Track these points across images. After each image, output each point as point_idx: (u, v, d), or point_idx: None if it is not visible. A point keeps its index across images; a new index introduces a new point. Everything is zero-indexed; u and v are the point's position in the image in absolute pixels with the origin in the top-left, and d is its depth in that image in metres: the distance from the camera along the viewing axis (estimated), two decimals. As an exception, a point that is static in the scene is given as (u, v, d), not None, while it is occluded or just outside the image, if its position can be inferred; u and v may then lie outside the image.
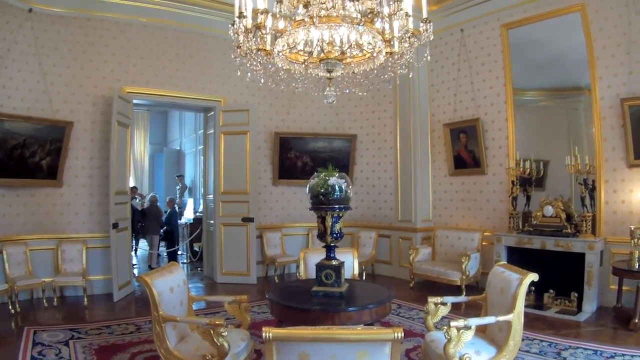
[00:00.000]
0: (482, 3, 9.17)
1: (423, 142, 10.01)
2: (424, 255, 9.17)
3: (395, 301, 7.46)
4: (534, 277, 3.97)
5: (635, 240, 6.58)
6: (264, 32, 4.22)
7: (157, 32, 9.25)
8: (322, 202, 4.59)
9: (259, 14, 4.17)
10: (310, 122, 10.81)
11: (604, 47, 7.69)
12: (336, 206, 4.60)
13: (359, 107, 10.80)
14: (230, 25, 4.34)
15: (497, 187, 8.99)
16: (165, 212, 13.10)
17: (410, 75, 5.07)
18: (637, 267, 6.48)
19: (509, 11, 8.85)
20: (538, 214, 7.96)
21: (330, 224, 4.63)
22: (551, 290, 7.59)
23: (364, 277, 9.36)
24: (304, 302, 4.39)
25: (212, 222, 10.03)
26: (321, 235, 4.74)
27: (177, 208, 14.00)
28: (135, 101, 9.15)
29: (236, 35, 4.28)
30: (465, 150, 9.40)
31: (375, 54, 4.33)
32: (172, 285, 4.23)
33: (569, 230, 7.55)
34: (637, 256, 6.53)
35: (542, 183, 8.41)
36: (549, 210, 7.80)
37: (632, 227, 6.72)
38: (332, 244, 4.70)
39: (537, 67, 8.57)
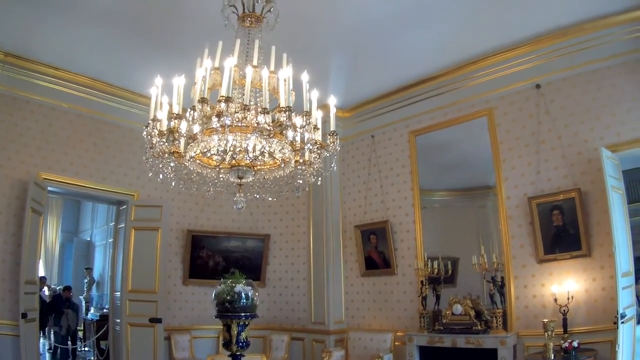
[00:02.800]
0: (392, 111, 9.72)
1: (335, 243, 10.11)
2: (337, 358, 8.97)
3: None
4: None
5: (549, 332, 6.78)
6: (177, 135, 4.30)
7: (77, 120, 9.13)
8: (228, 310, 4.57)
9: (172, 119, 4.25)
10: (224, 221, 10.74)
11: (511, 148, 8.23)
12: (242, 314, 4.57)
13: (273, 207, 10.85)
14: (144, 127, 4.42)
15: (407, 287, 9.13)
16: (66, 300, 12.53)
17: (319, 183, 5.23)
18: (552, 358, 6.64)
19: (417, 118, 9.41)
20: (447, 312, 8.08)
21: (235, 332, 4.58)
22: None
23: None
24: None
25: (118, 320, 9.59)
26: (226, 344, 4.69)
27: (83, 302, 13.42)
28: (49, 188, 8.85)
29: (149, 137, 4.35)
30: (376, 252, 9.57)
31: (284, 163, 4.49)
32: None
33: (479, 327, 7.69)
34: (551, 347, 6.69)
35: (454, 280, 8.63)
36: (458, 308, 7.95)
37: (545, 320, 6.96)
38: (237, 354, 4.64)
39: (445, 168, 9.08)
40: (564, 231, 7.50)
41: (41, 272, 12.52)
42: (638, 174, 15.65)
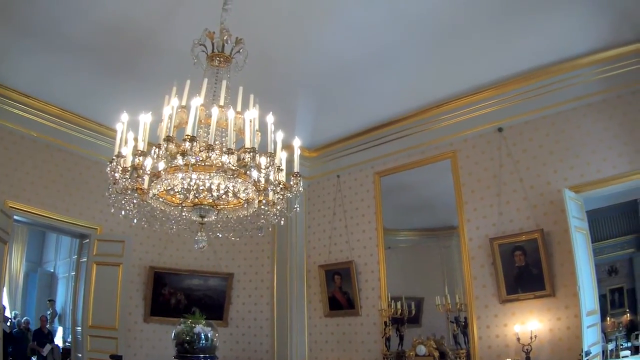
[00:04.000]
0: (357, 152, 9.83)
1: (299, 282, 10.02)
2: None
3: None
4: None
5: None
6: (141, 172, 4.28)
7: (45, 149, 8.98)
8: (187, 351, 4.50)
9: (137, 156, 4.25)
10: (187, 258, 10.52)
11: (473, 190, 8.37)
12: (201, 355, 4.51)
13: (237, 245, 10.58)
14: (108, 163, 4.40)
15: (371, 328, 9.07)
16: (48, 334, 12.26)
17: (282, 223, 5.23)
18: None
19: (382, 160, 9.52)
20: (411, 353, 8.05)
21: (195, 373, 4.52)
22: None
23: None
24: None
25: (80, 355, 9.32)
26: (186, 385, 4.61)
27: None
28: (15, 217, 8.62)
29: (112, 172, 4.33)
30: (340, 292, 9.53)
31: (248, 203, 4.50)
32: None
33: (444, 368, 7.70)
34: None
35: (418, 320, 8.62)
36: (422, 349, 7.94)
37: (509, 359, 7.04)
38: (197, 395, 4.57)
39: (410, 208, 9.17)
40: (526, 271, 7.59)
41: (5, 302, 12.18)
42: (602, 213, 16.13)
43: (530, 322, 7.36)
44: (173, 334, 4.63)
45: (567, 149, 7.74)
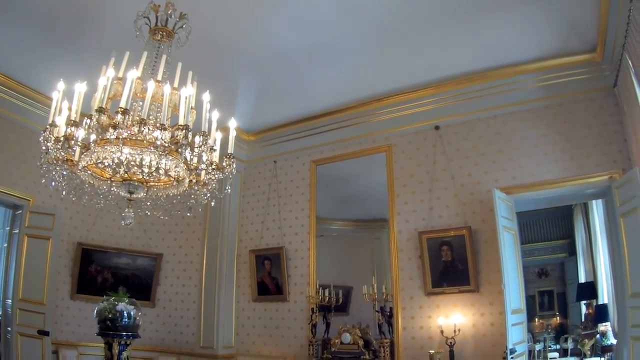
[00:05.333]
0: (296, 139, 9.85)
1: (229, 266, 9.95)
2: None
3: None
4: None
5: None
6: (72, 143, 4.21)
7: (-18, 116, 8.61)
8: (110, 328, 4.45)
9: (69, 126, 4.17)
10: (116, 236, 10.24)
11: (405, 185, 8.54)
12: (124, 333, 4.47)
13: (167, 225, 10.51)
14: (42, 132, 4.31)
15: (299, 314, 9.15)
16: None
17: (212, 204, 5.21)
18: None
19: (320, 149, 9.59)
20: (336, 341, 8.14)
21: (117, 351, 4.48)
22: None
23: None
24: None
25: (10, 328, 9.03)
26: (107, 364, 4.56)
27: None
28: None
29: (45, 142, 4.24)
30: (269, 277, 9.55)
31: (178, 181, 4.47)
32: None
33: (367, 357, 7.82)
34: None
35: (347, 309, 8.74)
36: (347, 337, 8.03)
37: (432, 351, 7.22)
38: (119, 373, 4.53)
39: (345, 199, 9.28)
40: (452, 266, 7.82)
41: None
42: (537, 217, 16.71)
43: (454, 315, 7.59)
44: (95, 311, 4.57)
45: (501, 151, 8.00)
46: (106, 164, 4.12)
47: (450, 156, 8.33)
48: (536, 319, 17.64)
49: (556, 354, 15.76)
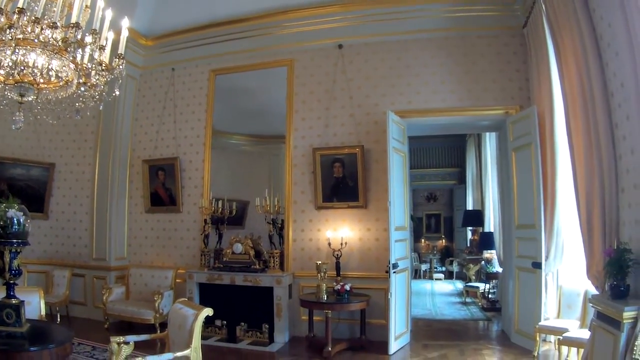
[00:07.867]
0: (196, 47, 9.52)
1: (121, 177, 9.70)
2: (117, 294, 8.77)
3: (89, 343, 7.22)
4: (208, 312, 4.18)
5: (322, 274, 7.30)
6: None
7: None
8: (1, 236, 4.28)
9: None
10: (12, 146, 9.57)
11: (304, 101, 8.61)
12: (14, 241, 4.33)
13: (61, 134, 10.00)
14: None
15: (191, 225, 9.20)
16: None
17: (101, 108, 4.97)
18: (324, 298, 7.15)
19: (221, 58, 9.38)
20: (228, 251, 8.31)
21: (8, 259, 4.33)
22: (243, 323, 8.03)
23: (58, 319, 8.73)
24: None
25: None
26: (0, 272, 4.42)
27: None
28: None
29: None
30: (163, 188, 9.46)
31: (67, 83, 4.24)
32: None
33: (258, 267, 8.04)
34: (324, 288, 7.21)
35: (242, 222, 8.86)
36: (238, 247, 8.21)
37: (319, 262, 7.47)
38: (11, 282, 4.40)
39: (245, 113, 9.20)
40: (343, 183, 8.11)
41: None
42: (432, 144, 17.32)
43: (342, 229, 7.92)
44: (-15, 220, 4.34)
45: (400, 76, 8.19)
46: (3, 65, 3.83)
47: (350, 76, 8.41)
48: (422, 240, 18.67)
49: (442, 275, 16.82)
